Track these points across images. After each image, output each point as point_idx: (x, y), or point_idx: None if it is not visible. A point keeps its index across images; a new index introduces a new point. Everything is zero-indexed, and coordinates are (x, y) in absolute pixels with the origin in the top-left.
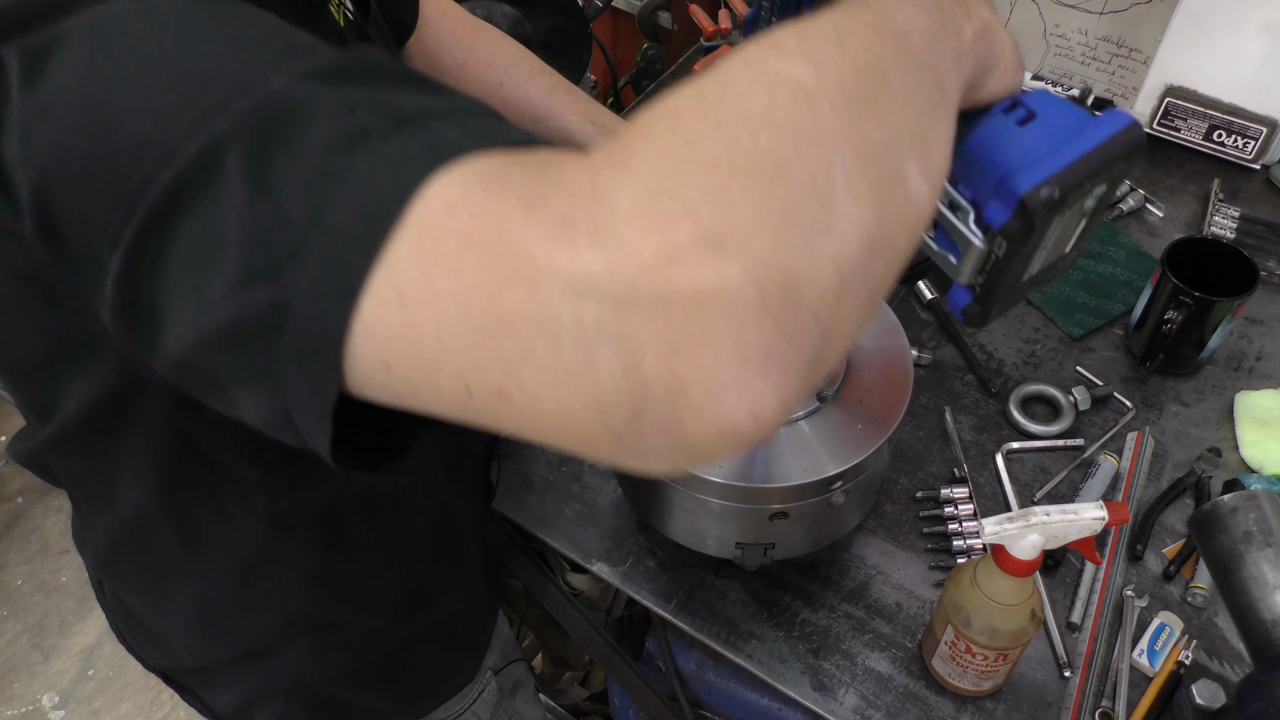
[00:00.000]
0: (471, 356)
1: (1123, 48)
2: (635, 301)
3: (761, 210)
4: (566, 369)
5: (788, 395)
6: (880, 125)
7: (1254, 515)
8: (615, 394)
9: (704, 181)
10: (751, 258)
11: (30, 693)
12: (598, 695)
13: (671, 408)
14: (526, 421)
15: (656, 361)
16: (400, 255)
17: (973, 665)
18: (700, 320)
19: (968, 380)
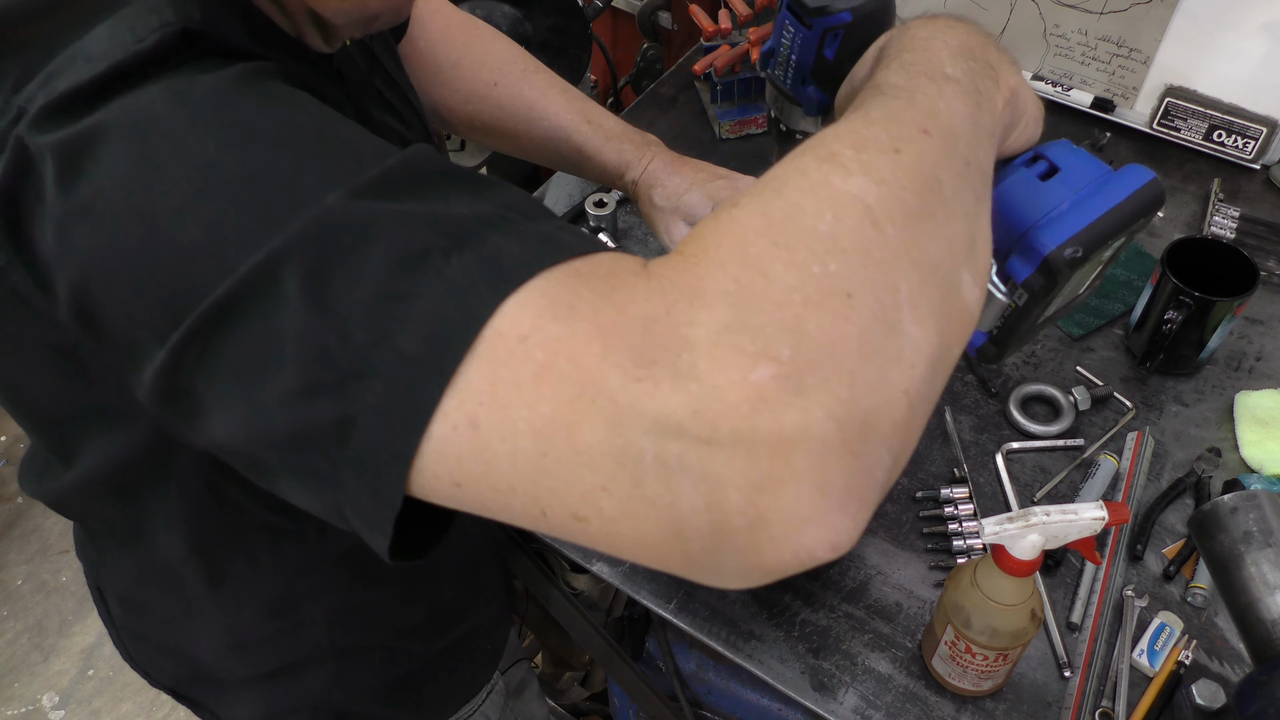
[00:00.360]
0: (549, 483)
1: (1123, 48)
2: (719, 441)
3: (837, 345)
4: (647, 500)
5: (862, 522)
6: (937, 238)
7: (1254, 515)
8: (696, 526)
9: (779, 316)
10: (832, 398)
11: (30, 693)
12: (598, 695)
13: (752, 539)
14: (602, 543)
15: (740, 498)
16: (472, 382)
17: (973, 665)
18: (784, 460)
19: (968, 380)
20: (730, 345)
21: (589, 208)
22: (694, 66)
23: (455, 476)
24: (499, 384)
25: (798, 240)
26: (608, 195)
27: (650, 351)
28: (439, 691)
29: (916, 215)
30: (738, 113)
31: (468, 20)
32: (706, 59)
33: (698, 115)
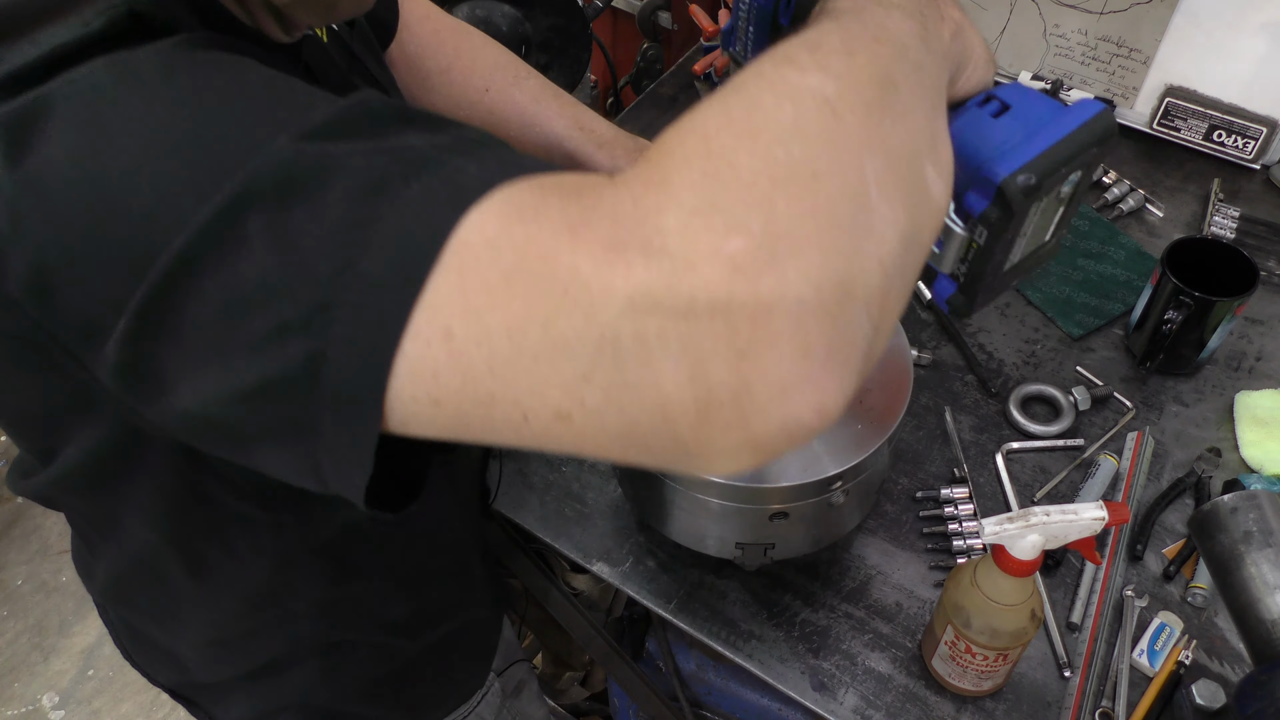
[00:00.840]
0: (528, 383)
1: (1123, 48)
2: (697, 313)
3: (807, 217)
4: (630, 384)
5: (848, 387)
6: (898, 129)
7: (1254, 515)
8: (681, 403)
9: (747, 195)
10: (806, 263)
11: (30, 693)
12: (598, 695)
13: (738, 410)
14: (588, 439)
15: (723, 368)
16: (442, 294)
17: (973, 665)
18: (764, 325)
19: (968, 380)
20: (701, 225)
21: None
22: (694, 66)
23: (433, 394)
24: (469, 291)
25: (760, 130)
26: None
27: (621, 237)
28: (429, 692)
29: (875, 107)
30: None
31: (458, 26)
32: (706, 59)
33: None
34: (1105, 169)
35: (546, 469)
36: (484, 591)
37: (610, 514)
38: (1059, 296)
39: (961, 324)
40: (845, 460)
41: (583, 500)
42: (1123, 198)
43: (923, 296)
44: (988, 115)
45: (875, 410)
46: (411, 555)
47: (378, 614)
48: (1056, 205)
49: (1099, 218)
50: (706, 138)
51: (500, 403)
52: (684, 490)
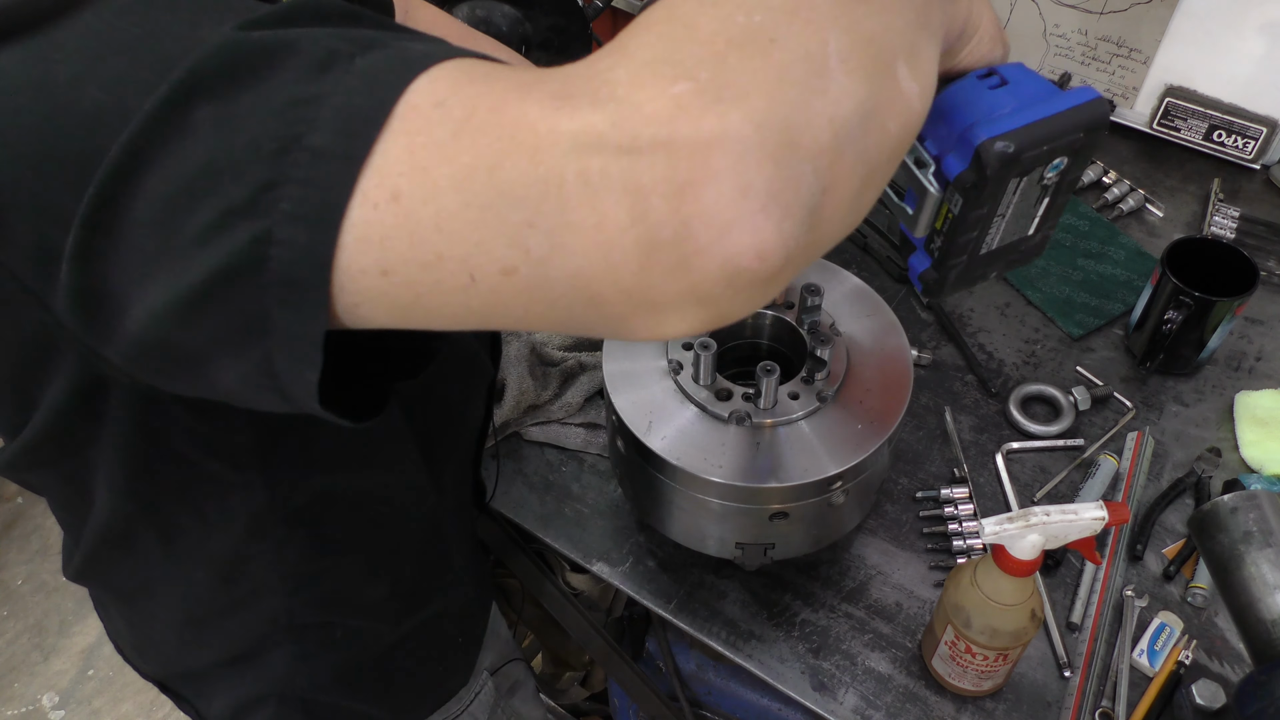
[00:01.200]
0: (475, 236)
1: (1123, 48)
2: (640, 149)
3: (758, 71)
4: (573, 225)
5: (789, 236)
6: (872, 17)
7: (1254, 515)
8: (624, 243)
9: (700, 51)
10: (750, 106)
11: (30, 693)
12: (598, 695)
13: (679, 251)
14: (534, 294)
15: (663, 204)
16: (390, 156)
17: (973, 665)
18: (704, 162)
19: (968, 380)
20: (650, 74)
21: None
22: None
23: (381, 262)
24: (417, 150)
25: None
26: None
27: (570, 89)
28: (410, 685)
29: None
30: None
31: (467, 32)
32: None
33: None
34: (1105, 169)
35: (546, 469)
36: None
37: (610, 514)
38: (1059, 296)
39: (962, 324)
40: (845, 460)
41: (583, 500)
42: (1123, 198)
43: (923, 297)
44: (984, 86)
45: (875, 410)
46: (389, 530)
47: (353, 593)
48: (1039, 192)
49: (1099, 218)
50: (671, 7)
51: (447, 262)
52: (684, 490)
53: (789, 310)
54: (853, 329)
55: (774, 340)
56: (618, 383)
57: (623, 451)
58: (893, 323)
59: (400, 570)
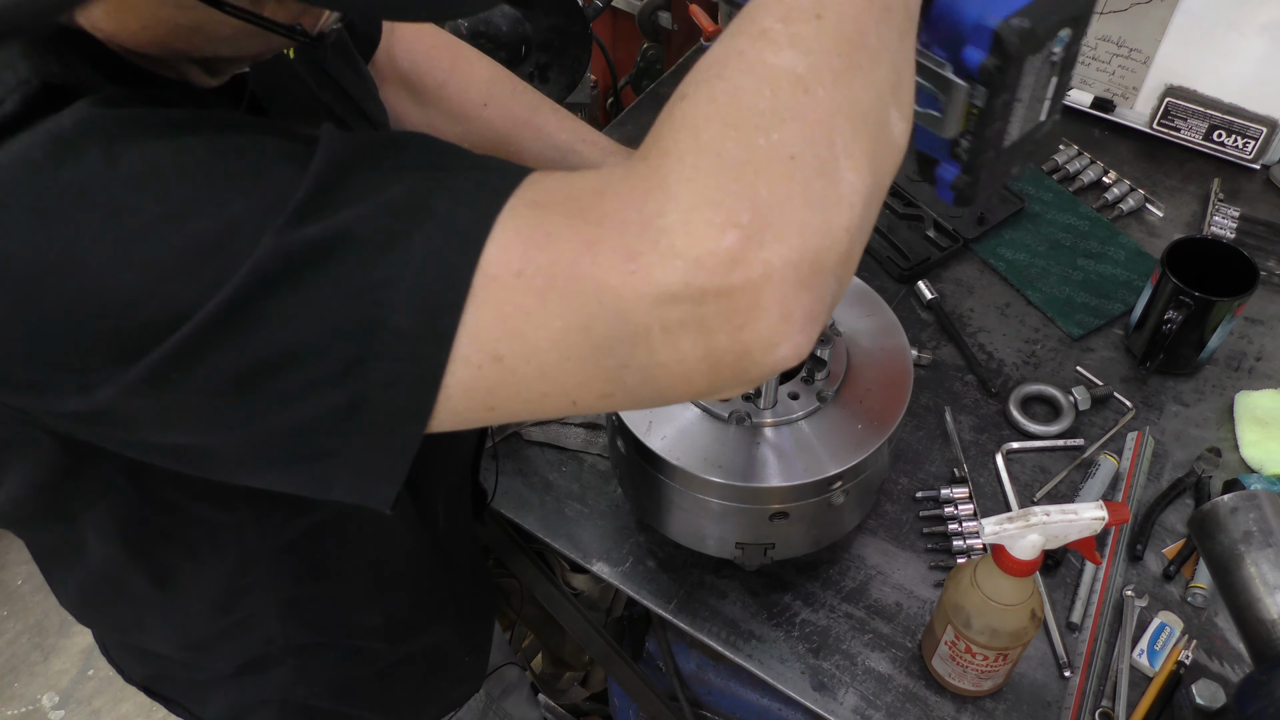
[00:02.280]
0: (576, 380)
1: (1123, 48)
2: (707, 299)
3: (786, 202)
4: (660, 364)
5: (815, 333)
6: (865, 89)
7: (1254, 515)
8: (698, 370)
9: (736, 187)
10: (787, 247)
11: (30, 693)
12: (598, 695)
13: (739, 366)
14: (625, 407)
15: (727, 339)
16: (483, 325)
17: (973, 665)
18: (755, 302)
19: (968, 380)
20: (700, 221)
21: None
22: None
23: (488, 403)
24: (508, 319)
25: (743, 119)
26: None
27: (634, 246)
28: (409, 697)
29: (844, 72)
30: None
31: (452, 42)
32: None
33: None
34: (1105, 169)
35: (547, 469)
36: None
37: (610, 514)
38: (1059, 296)
39: (962, 324)
40: (845, 460)
41: (583, 500)
42: (1123, 198)
43: (923, 297)
44: None
45: (875, 410)
46: (379, 560)
47: (350, 618)
48: (1049, 70)
49: (1099, 218)
50: (697, 131)
51: (551, 398)
52: (684, 490)
53: None
54: (853, 329)
55: None
56: None
57: (623, 451)
58: (893, 323)
59: (397, 594)
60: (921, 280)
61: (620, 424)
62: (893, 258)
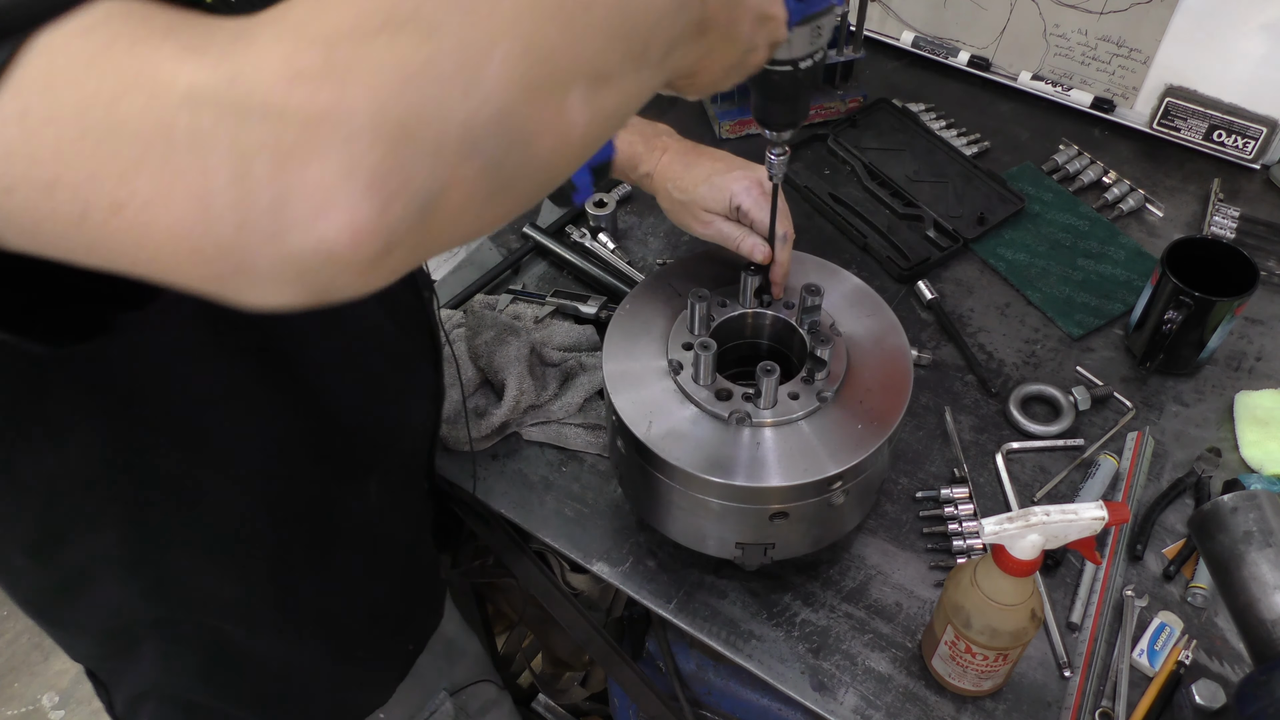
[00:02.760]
0: (87, 167)
1: (1123, 48)
2: (250, 112)
3: (400, 58)
4: (178, 173)
5: (392, 223)
6: (561, 34)
7: (1254, 515)
8: (222, 201)
9: (352, 26)
10: (373, 89)
11: (30, 693)
12: (598, 695)
13: (276, 219)
14: (141, 237)
15: (265, 170)
16: (29, 74)
17: (973, 665)
18: (313, 134)
19: (968, 380)
20: (289, 39)
21: (589, 207)
22: None
23: (6, 179)
24: (53, 72)
25: None
26: (607, 196)
27: (211, 40)
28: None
29: (546, 5)
30: (738, 113)
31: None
32: None
33: (698, 115)
34: (1105, 169)
35: (546, 469)
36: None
37: (610, 514)
38: (1059, 296)
39: (962, 324)
40: (845, 460)
41: (583, 500)
42: (1123, 198)
43: (923, 297)
44: None
45: (875, 410)
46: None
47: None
48: None
49: (1099, 218)
50: None
51: (62, 189)
52: (684, 490)
53: (789, 310)
54: (853, 329)
55: (774, 340)
56: (618, 383)
57: (623, 451)
58: (893, 323)
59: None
60: (921, 280)
61: (620, 424)
62: (893, 258)
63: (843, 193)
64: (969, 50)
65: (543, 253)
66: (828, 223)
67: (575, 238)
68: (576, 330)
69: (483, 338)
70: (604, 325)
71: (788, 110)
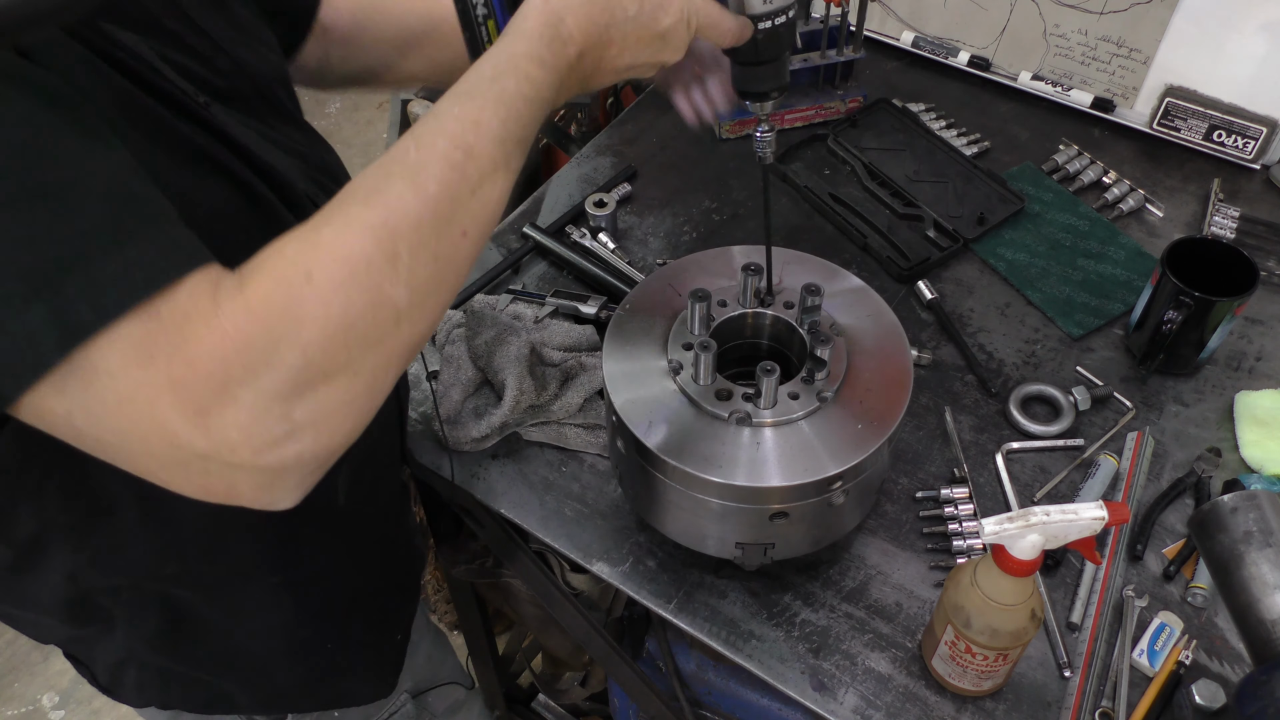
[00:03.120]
0: (127, 459)
1: (1123, 48)
2: (240, 467)
3: (339, 403)
4: (189, 480)
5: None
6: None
7: (1254, 515)
8: (218, 495)
9: (303, 382)
10: (312, 453)
11: (30, 693)
12: (598, 695)
13: (255, 503)
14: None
15: (250, 495)
16: (63, 396)
17: (973, 665)
18: (276, 478)
19: (968, 380)
20: (264, 414)
21: (589, 208)
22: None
23: (68, 434)
24: (90, 402)
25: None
26: (608, 195)
27: (207, 404)
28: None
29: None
30: (738, 113)
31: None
32: None
33: None
34: (1105, 169)
35: (547, 469)
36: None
37: (610, 514)
38: (1059, 296)
39: (962, 324)
40: (845, 460)
41: (583, 500)
42: (1123, 198)
43: (923, 297)
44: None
45: (875, 410)
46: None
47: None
48: None
49: (1099, 218)
50: (296, 308)
51: (106, 455)
52: (684, 490)
53: (789, 310)
54: (853, 329)
55: (774, 340)
56: (618, 383)
57: (623, 451)
58: (893, 323)
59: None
60: (921, 280)
61: (620, 424)
62: (893, 258)
63: (843, 193)
64: (969, 50)
65: (543, 253)
66: (828, 223)
67: (575, 238)
68: (576, 330)
69: (483, 338)
70: (604, 325)
71: (770, 74)
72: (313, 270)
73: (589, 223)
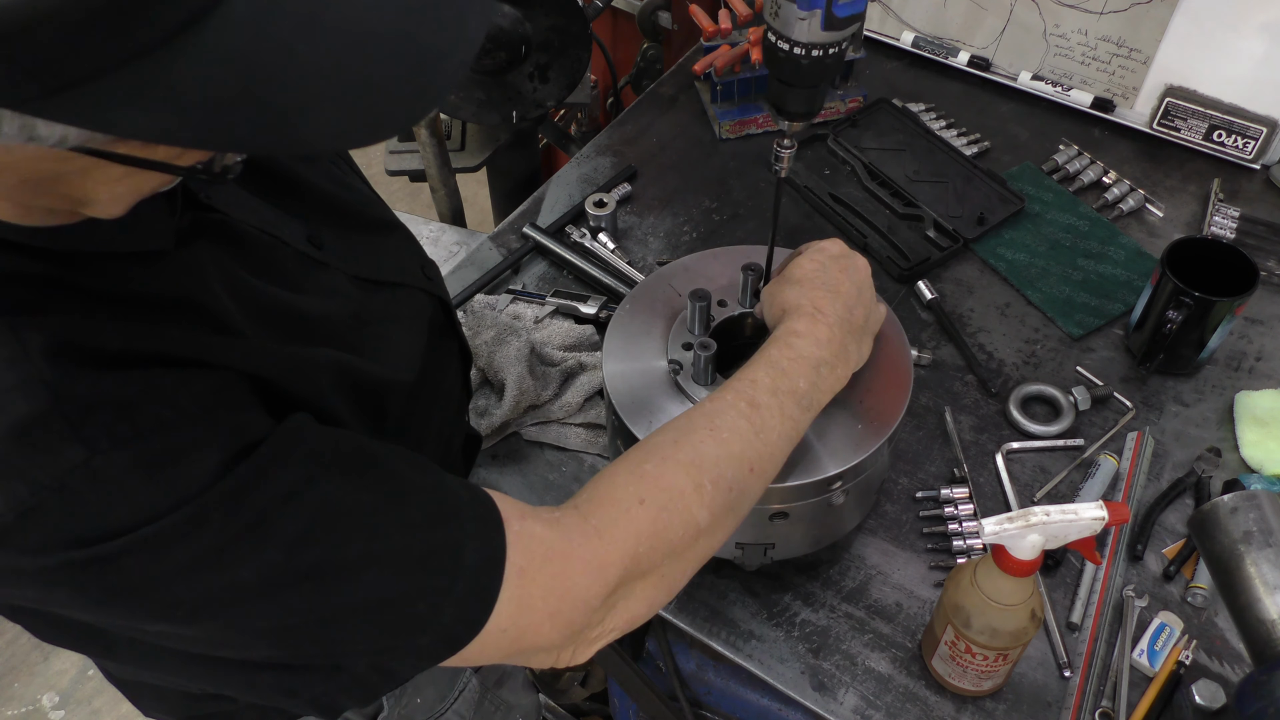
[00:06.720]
0: (518, 656)
1: (1123, 48)
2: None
3: (653, 600)
4: (515, 661)
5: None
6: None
7: (1254, 515)
8: (525, 663)
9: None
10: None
11: (30, 693)
12: (598, 695)
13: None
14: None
15: (560, 659)
16: (518, 555)
17: (973, 665)
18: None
19: (968, 380)
20: (600, 611)
21: (589, 208)
22: (694, 66)
23: (487, 654)
24: (488, 651)
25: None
26: (608, 195)
27: (579, 627)
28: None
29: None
30: (737, 113)
31: None
32: (706, 59)
33: (698, 115)
34: (1105, 169)
35: (547, 469)
36: None
37: None
38: (1059, 296)
39: (962, 324)
40: (845, 460)
41: None
42: (1123, 198)
43: (923, 297)
44: None
45: (875, 410)
46: None
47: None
48: None
49: (1099, 218)
50: (635, 538)
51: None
52: None
53: None
54: None
55: None
56: (618, 383)
57: (623, 451)
58: (893, 323)
59: None
60: (921, 280)
61: (620, 424)
62: (893, 258)
63: (843, 193)
64: (969, 50)
65: (543, 253)
66: (828, 223)
67: (575, 238)
68: (576, 330)
69: (483, 338)
70: (604, 325)
71: (806, 97)
72: (645, 497)
73: (589, 223)
